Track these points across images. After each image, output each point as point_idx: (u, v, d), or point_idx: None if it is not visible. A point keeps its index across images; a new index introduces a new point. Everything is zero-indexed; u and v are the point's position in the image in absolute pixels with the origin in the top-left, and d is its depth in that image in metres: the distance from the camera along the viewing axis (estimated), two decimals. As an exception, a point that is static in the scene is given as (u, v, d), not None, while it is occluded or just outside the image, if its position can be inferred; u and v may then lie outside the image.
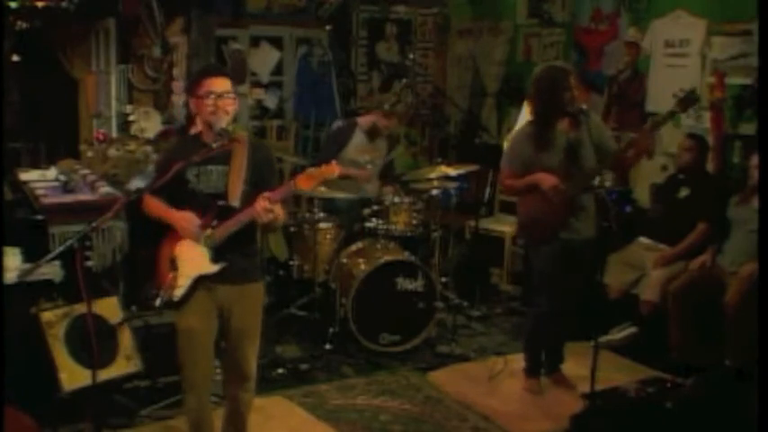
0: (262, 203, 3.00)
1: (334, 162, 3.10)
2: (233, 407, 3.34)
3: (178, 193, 3.17)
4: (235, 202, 3.12)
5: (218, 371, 3.72)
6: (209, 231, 3.12)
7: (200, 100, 3.11)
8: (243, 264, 3.20)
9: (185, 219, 3.14)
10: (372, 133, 5.48)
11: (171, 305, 3.19)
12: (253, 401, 3.38)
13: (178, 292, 3.15)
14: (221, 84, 3.11)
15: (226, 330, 3.23)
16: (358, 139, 5.46)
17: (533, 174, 4.08)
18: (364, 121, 5.53)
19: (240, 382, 3.30)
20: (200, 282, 3.15)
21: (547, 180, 4.01)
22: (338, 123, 5.64)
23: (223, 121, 3.11)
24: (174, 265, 3.18)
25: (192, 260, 3.15)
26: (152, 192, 3.18)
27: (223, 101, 3.09)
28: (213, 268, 3.13)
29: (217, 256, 3.13)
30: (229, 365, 3.31)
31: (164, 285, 3.19)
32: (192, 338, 3.19)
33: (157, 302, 3.19)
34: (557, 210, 4.06)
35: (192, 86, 3.20)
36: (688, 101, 3.93)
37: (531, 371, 4.45)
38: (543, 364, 4.47)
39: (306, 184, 3.06)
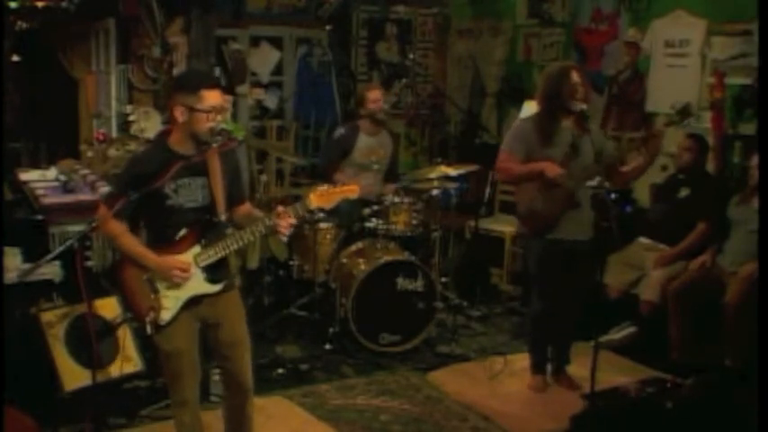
0: (287, 221, 2.93)
1: (354, 184, 3.05)
2: (236, 421, 3.27)
3: (154, 211, 2.98)
4: (223, 216, 3.03)
5: (217, 369, 3.72)
6: (198, 249, 3.00)
7: (198, 113, 2.90)
8: (220, 274, 3.11)
9: (177, 267, 2.95)
10: (375, 123, 5.46)
11: (156, 329, 3.01)
12: (253, 410, 3.32)
13: (166, 315, 3.00)
14: (219, 96, 2.97)
15: (216, 343, 3.15)
16: (362, 142, 5.47)
17: (536, 162, 4.07)
18: (362, 122, 5.52)
19: (241, 394, 3.23)
20: (190, 301, 3.03)
21: (552, 168, 4.00)
22: (340, 130, 5.64)
23: (216, 136, 2.96)
24: (153, 286, 3.00)
25: (181, 284, 3.00)
26: (120, 211, 2.92)
27: (219, 115, 2.97)
28: (213, 288, 3.03)
29: (213, 274, 3.03)
30: (227, 377, 3.24)
31: (143, 309, 3.00)
32: (180, 359, 3.08)
33: (149, 330, 2.99)
34: (556, 202, 4.07)
35: (187, 95, 2.93)
36: (683, 113, 3.95)
37: (535, 368, 4.46)
38: (549, 363, 4.48)
39: (320, 201, 2.97)
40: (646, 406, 3.64)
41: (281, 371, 4.57)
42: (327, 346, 4.91)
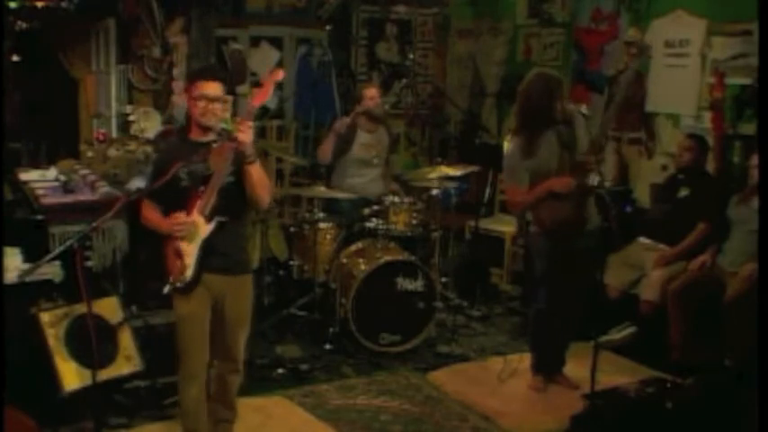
0: (239, 125, 3.12)
1: (278, 70, 3.34)
2: (221, 386, 3.50)
3: (172, 192, 3.26)
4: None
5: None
6: (199, 202, 3.23)
7: (193, 101, 3.27)
8: (237, 256, 3.39)
9: (172, 219, 3.24)
10: (372, 120, 5.51)
11: (183, 289, 3.26)
12: (240, 381, 3.55)
13: (188, 273, 3.25)
14: (213, 88, 3.26)
15: (219, 319, 3.37)
16: (361, 138, 5.50)
17: (540, 182, 4.06)
18: (359, 119, 5.55)
19: (230, 364, 3.47)
20: (203, 263, 3.25)
21: (560, 183, 4.02)
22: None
23: (211, 123, 3.25)
24: (179, 254, 3.27)
25: (191, 235, 3.25)
26: (150, 194, 3.30)
27: (213, 105, 3.25)
28: (209, 227, 3.23)
29: (210, 216, 3.23)
30: (220, 350, 3.44)
31: (174, 274, 3.28)
32: (194, 324, 3.31)
33: (166, 289, 3.29)
34: (578, 203, 4.07)
35: (188, 86, 3.38)
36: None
37: (536, 367, 4.46)
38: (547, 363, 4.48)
39: (261, 98, 3.26)
40: (646, 406, 3.64)
41: (281, 371, 4.57)
42: (327, 346, 4.91)
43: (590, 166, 4.06)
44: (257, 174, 3.21)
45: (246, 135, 3.11)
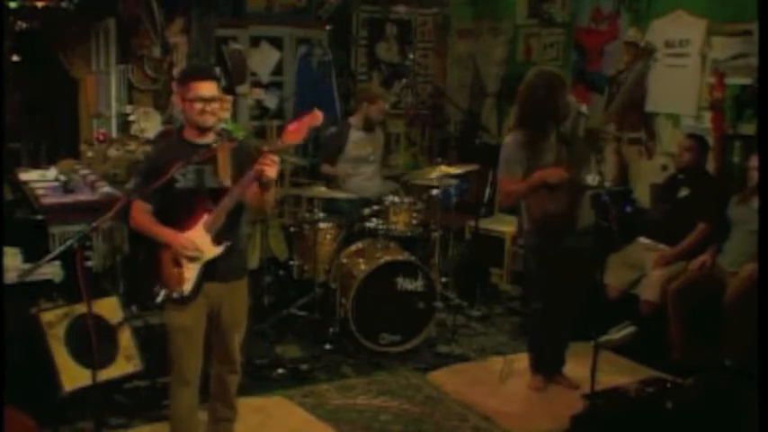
0: (265, 159, 3.06)
1: (317, 111, 3.16)
2: (220, 385, 3.50)
3: (166, 193, 3.20)
4: (227, 183, 3.22)
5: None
6: (206, 217, 3.18)
7: (188, 103, 3.19)
8: (237, 261, 3.36)
9: (184, 241, 3.17)
10: (368, 126, 5.63)
11: (181, 300, 3.22)
12: (238, 380, 3.54)
13: (187, 287, 3.21)
14: (208, 88, 3.19)
15: (216, 324, 3.36)
16: (354, 136, 5.59)
17: (536, 171, 4.05)
18: (355, 119, 5.68)
19: (227, 366, 3.47)
20: (206, 272, 3.22)
21: (552, 173, 4.00)
22: (331, 129, 5.77)
23: (210, 123, 3.22)
24: (178, 262, 3.21)
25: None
26: (142, 196, 3.21)
27: (211, 105, 3.19)
28: (217, 250, 3.20)
29: (217, 238, 3.20)
30: (218, 352, 3.45)
31: (170, 283, 3.23)
32: (189, 333, 3.28)
33: (160, 297, 3.24)
34: (570, 200, 4.07)
35: (180, 87, 3.27)
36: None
37: (536, 367, 4.46)
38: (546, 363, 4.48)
39: (293, 137, 3.12)
40: (646, 406, 3.64)
41: (281, 371, 4.57)
42: (327, 346, 4.91)
43: (603, 135, 4.05)
44: (269, 198, 3.22)
45: (272, 170, 3.07)
